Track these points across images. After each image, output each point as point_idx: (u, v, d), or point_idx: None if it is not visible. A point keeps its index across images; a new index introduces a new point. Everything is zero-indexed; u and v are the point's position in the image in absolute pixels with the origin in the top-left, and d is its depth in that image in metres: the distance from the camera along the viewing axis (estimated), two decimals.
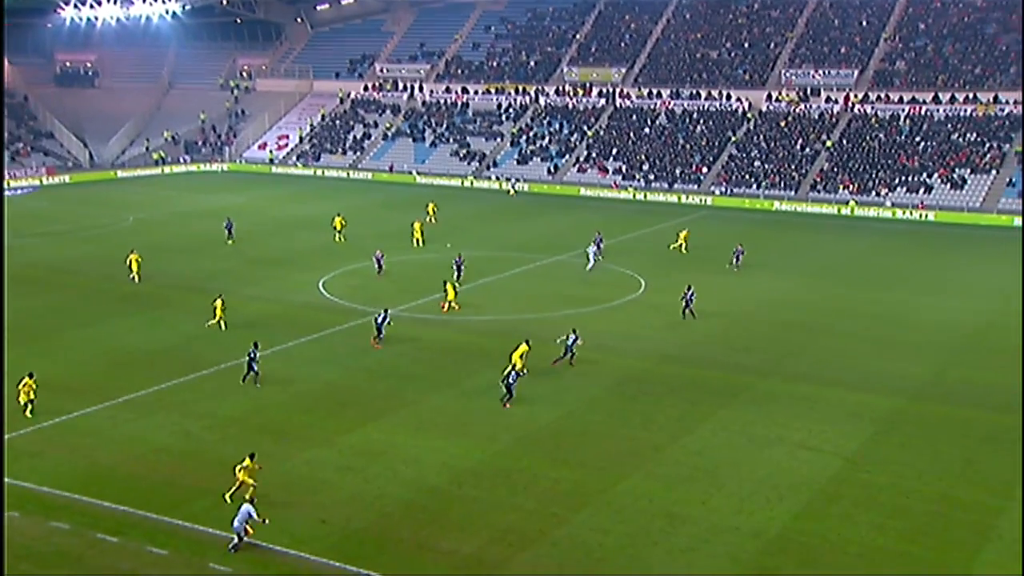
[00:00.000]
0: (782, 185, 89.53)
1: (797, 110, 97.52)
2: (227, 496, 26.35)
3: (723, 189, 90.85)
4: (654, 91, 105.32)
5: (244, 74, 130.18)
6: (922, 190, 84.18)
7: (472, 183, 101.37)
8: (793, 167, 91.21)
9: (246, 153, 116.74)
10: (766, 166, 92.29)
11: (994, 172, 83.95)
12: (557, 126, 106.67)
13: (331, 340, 42.49)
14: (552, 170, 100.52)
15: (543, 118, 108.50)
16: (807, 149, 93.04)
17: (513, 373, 34.09)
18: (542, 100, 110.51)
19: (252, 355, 36.07)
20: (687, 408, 34.38)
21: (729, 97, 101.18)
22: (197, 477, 28.21)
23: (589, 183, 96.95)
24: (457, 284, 50.00)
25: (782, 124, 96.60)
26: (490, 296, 51.52)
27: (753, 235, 71.15)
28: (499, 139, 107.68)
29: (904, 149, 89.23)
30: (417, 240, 64.45)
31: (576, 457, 30.21)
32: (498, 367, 38.88)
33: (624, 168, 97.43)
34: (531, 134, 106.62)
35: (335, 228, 66.58)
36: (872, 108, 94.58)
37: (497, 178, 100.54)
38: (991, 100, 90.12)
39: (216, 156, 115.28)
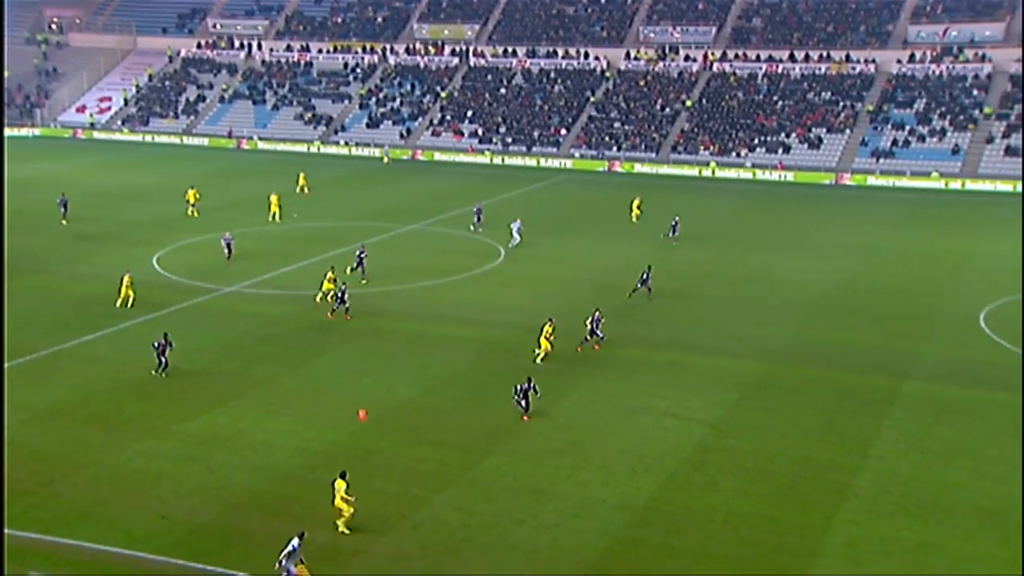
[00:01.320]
0: (643, 147, 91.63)
1: (656, 69, 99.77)
2: (344, 528, 24.27)
3: (583, 152, 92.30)
4: (509, 50, 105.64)
5: (53, 27, 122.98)
6: (781, 150, 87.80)
7: (320, 148, 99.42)
8: (653, 128, 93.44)
9: (62, 116, 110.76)
10: (626, 127, 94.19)
11: (848, 131, 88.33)
12: (408, 87, 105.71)
13: (168, 321, 40.95)
14: (404, 134, 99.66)
15: (393, 79, 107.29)
16: (667, 109, 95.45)
17: (528, 384, 31.17)
18: (391, 59, 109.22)
19: (160, 345, 34.34)
20: (552, 380, 34.82)
21: (587, 56, 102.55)
22: (11, 477, 26.67)
23: (444, 147, 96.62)
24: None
25: (641, 83, 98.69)
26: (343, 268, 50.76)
27: (614, 199, 72.52)
28: (347, 101, 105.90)
29: (762, 108, 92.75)
30: (274, 213, 62.29)
31: (438, 435, 30.24)
32: (353, 343, 38.48)
33: (480, 131, 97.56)
34: (381, 96, 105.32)
35: (188, 201, 63.77)
36: (730, 67, 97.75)
37: (347, 143, 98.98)
38: (844, 59, 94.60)
39: (25, 119, 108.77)
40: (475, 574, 22.71)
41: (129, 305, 42.21)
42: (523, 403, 30.93)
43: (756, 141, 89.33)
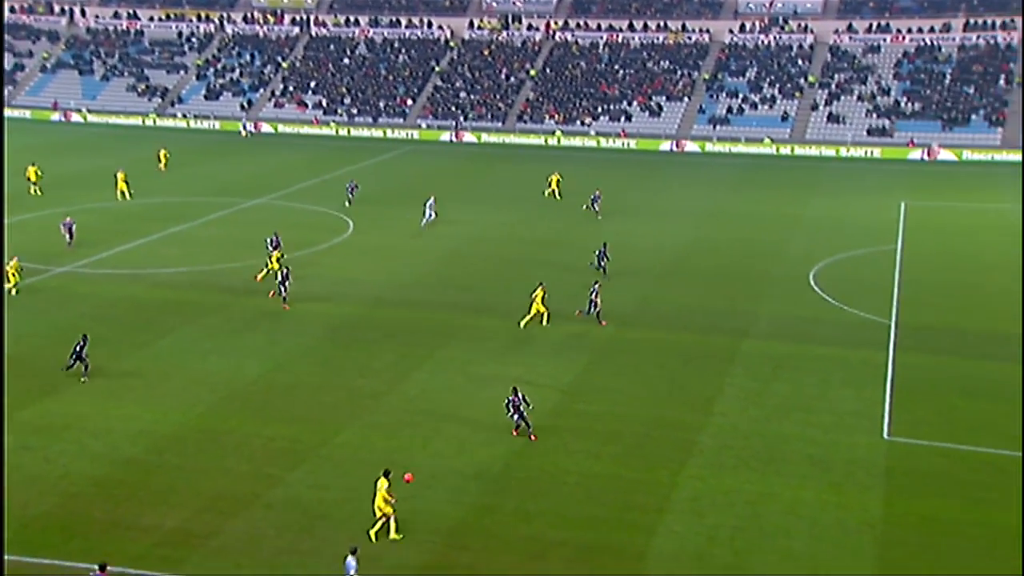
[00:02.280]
0: (489, 116, 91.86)
1: (499, 38, 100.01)
2: (372, 534, 22.99)
3: (428, 122, 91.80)
4: (351, 19, 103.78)
5: None
6: (623, 118, 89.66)
7: (156, 121, 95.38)
8: (499, 97, 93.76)
9: None
10: (472, 97, 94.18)
11: (686, 99, 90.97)
12: (248, 57, 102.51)
13: None
14: (245, 105, 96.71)
15: (231, 48, 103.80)
16: (512, 79, 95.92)
17: (518, 397, 28.13)
18: (229, 28, 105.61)
19: (80, 347, 31.94)
20: (404, 352, 34.75)
21: (430, 25, 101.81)
22: None
23: (288, 119, 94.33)
24: (268, 263, 43.24)
25: (485, 53, 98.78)
26: (184, 245, 49.04)
27: (461, 169, 72.59)
28: (182, 72, 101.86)
29: (605, 77, 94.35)
30: (122, 192, 59.13)
31: (289, 412, 29.72)
32: (198, 322, 37.29)
33: (325, 102, 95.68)
34: (219, 66, 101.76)
35: (29, 180, 59.83)
36: (572, 36, 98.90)
37: (185, 115, 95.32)
38: (680, 28, 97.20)
39: None
40: (331, 550, 22.51)
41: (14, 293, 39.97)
42: (516, 418, 27.79)
43: (599, 109, 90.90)
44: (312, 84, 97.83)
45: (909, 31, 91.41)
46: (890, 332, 37.11)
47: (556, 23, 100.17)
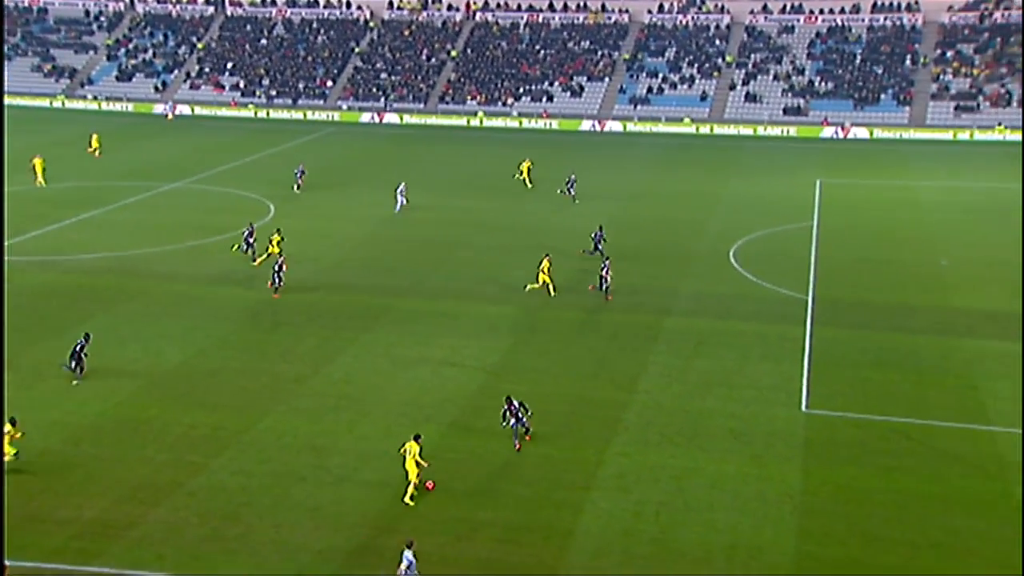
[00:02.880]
0: (411, 97, 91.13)
1: (420, 19, 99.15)
2: (408, 499, 23.57)
3: (350, 104, 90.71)
4: None
5: None
6: (545, 98, 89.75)
7: (64, 103, 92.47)
8: (420, 78, 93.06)
9: None
10: (393, 78, 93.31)
11: (607, 79, 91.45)
12: (161, 37, 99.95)
13: None
14: (160, 87, 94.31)
15: (143, 28, 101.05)
16: (433, 59, 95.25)
17: (513, 405, 26.72)
18: (139, 7, 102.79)
19: (80, 347, 30.44)
20: (328, 336, 34.40)
21: (349, 5, 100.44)
22: None
23: (204, 101, 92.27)
24: (253, 261, 42.40)
25: (406, 33, 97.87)
26: (101, 231, 47.77)
27: (382, 151, 71.95)
28: (92, 52, 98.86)
29: (526, 58, 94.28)
30: (41, 183, 57.05)
31: (211, 399, 29.21)
32: (115, 309, 36.38)
33: (242, 84, 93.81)
34: (131, 47, 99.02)
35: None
36: (493, 16, 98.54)
37: (96, 97, 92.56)
38: (600, 8, 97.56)
39: None
40: (256, 536, 22.23)
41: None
42: (515, 425, 26.54)
43: (521, 90, 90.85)
44: (229, 65, 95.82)
45: (821, 12, 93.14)
46: (807, 307, 37.95)
47: (476, 3, 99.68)
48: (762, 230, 49.54)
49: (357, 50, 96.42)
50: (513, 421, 26.63)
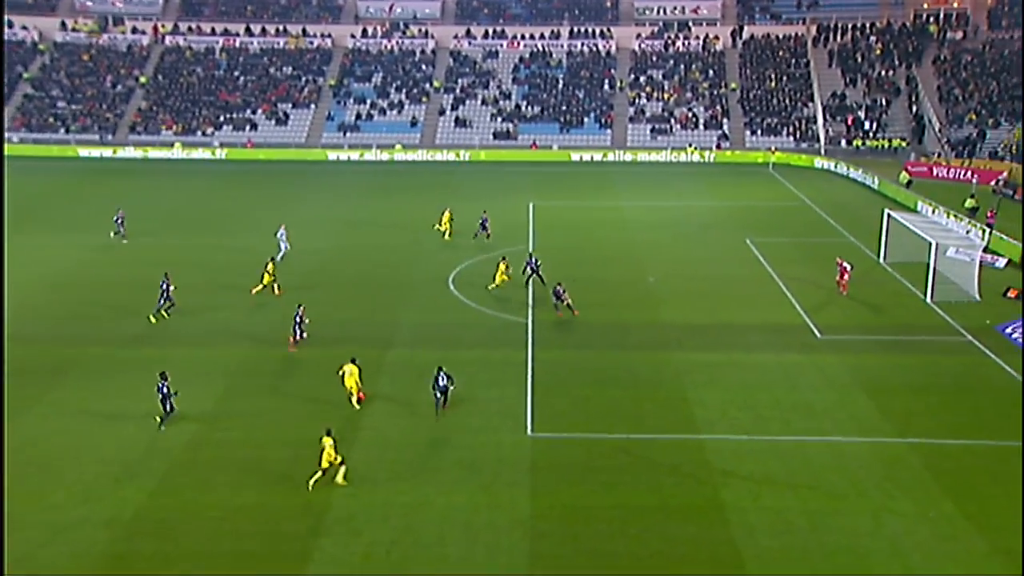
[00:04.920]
0: (95, 128, 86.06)
1: (100, 41, 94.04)
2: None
3: (23, 136, 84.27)
4: None
5: None
6: (248, 127, 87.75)
7: None
8: (106, 107, 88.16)
9: None
10: (73, 107, 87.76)
11: (313, 106, 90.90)
12: None
13: None
14: None
15: None
16: (119, 86, 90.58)
17: (444, 375, 31.37)
18: None
19: (163, 388, 29.99)
20: (10, 395, 31.65)
21: (11, 25, 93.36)
22: None
23: None
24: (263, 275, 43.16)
25: (85, 58, 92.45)
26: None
27: (63, 188, 67.43)
28: None
29: (224, 84, 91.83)
30: None
31: None
32: None
33: None
34: None
35: None
36: (185, 40, 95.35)
37: None
38: (300, 32, 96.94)
39: None
40: None
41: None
42: (440, 396, 31.16)
43: (222, 119, 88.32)
44: None
45: (523, 37, 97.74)
46: (527, 330, 39.46)
47: (164, 26, 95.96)
48: (480, 255, 50.99)
49: (26, 76, 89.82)
50: (443, 396, 31.15)
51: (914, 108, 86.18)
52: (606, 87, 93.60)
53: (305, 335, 37.34)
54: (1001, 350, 37.20)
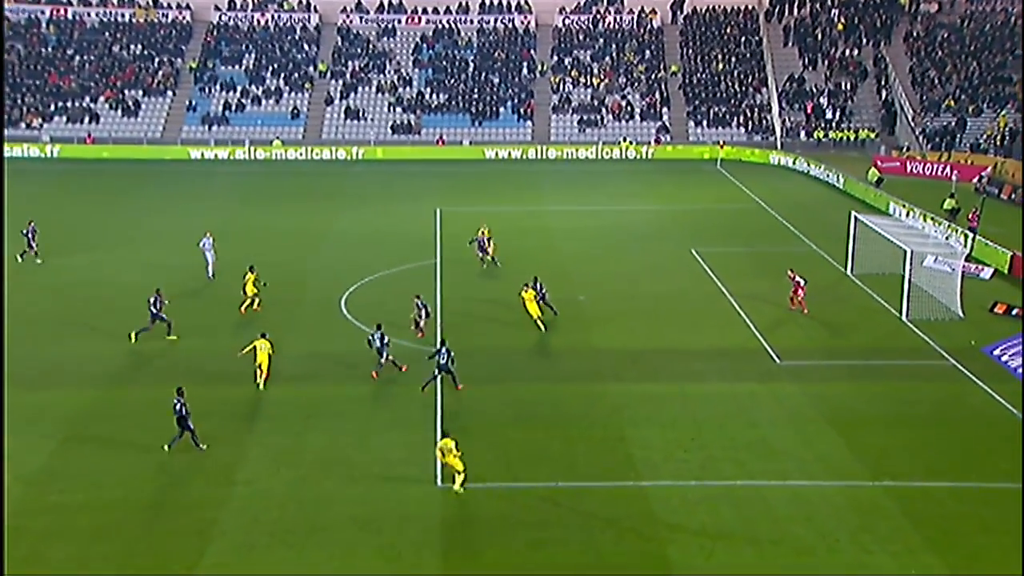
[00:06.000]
0: None
1: None
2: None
3: None
4: None
5: None
6: (88, 118, 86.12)
7: None
8: None
9: None
10: None
11: (171, 93, 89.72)
12: None
13: None
14: None
15: None
16: None
17: (445, 351, 35.97)
18: None
19: (180, 406, 31.39)
20: None
21: None
22: None
23: None
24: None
25: None
26: None
27: None
28: None
29: (54, 65, 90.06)
30: None
31: None
32: None
33: None
34: None
35: None
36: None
37: None
38: (150, 3, 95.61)
39: None
40: None
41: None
42: (438, 373, 35.93)
43: (53, 108, 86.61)
44: None
45: (425, 11, 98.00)
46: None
47: None
48: (378, 272, 50.84)
49: None
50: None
51: (883, 93, 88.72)
52: (525, 71, 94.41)
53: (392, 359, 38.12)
54: (988, 375, 38.29)
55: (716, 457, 31.80)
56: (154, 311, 41.07)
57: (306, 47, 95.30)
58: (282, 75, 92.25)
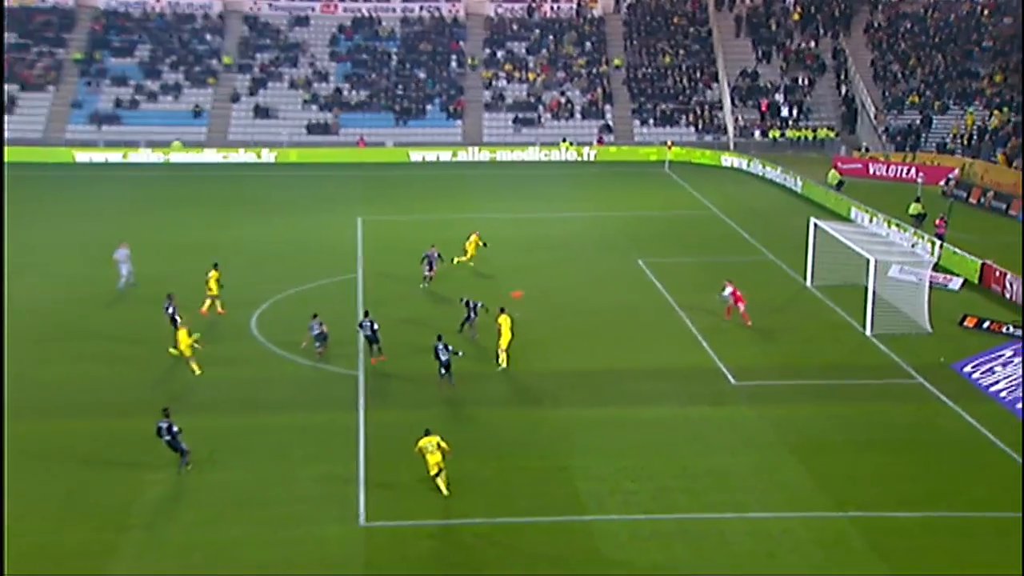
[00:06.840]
0: None
1: None
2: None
3: None
4: None
5: None
6: None
7: None
8: None
9: None
10: None
11: (52, 89, 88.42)
12: None
13: None
14: None
15: None
16: None
17: (442, 346, 38.63)
18: None
19: (166, 428, 32.22)
20: None
21: None
22: None
23: None
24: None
25: None
26: None
27: None
28: None
29: None
30: None
31: None
32: None
33: None
34: None
35: None
36: None
37: None
38: None
39: None
40: None
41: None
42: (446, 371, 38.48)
43: None
44: None
45: None
46: (357, 385, 39.20)
47: None
48: (293, 288, 50.54)
49: None
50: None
51: (843, 89, 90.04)
52: (453, 65, 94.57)
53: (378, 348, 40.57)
54: (959, 394, 38.89)
55: (668, 488, 31.93)
56: (170, 314, 43.18)
57: (209, 37, 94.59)
58: (182, 69, 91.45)
